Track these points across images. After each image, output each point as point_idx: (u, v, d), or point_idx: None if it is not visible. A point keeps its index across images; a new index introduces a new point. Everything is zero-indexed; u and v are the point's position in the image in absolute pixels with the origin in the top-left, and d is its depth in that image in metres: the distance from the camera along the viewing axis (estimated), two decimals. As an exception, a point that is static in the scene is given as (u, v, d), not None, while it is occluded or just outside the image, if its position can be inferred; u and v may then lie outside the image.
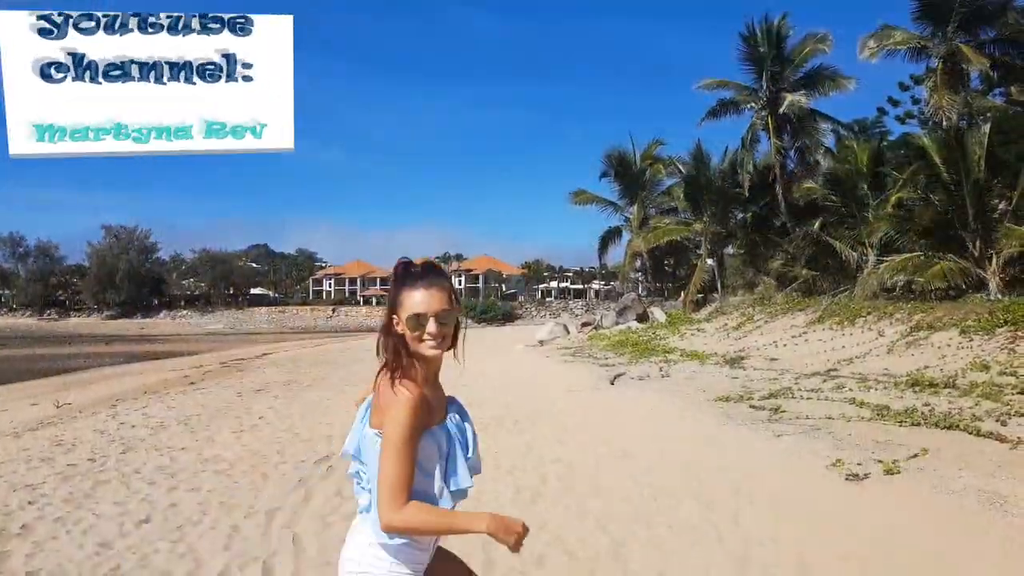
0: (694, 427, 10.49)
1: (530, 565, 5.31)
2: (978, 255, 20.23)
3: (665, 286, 48.50)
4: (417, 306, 2.31)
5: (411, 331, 2.32)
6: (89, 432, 11.06)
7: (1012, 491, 6.63)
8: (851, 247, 25.95)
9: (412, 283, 2.34)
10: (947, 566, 5.06)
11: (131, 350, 44.78)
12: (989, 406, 10.48)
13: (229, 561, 5.46)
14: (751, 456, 8.63)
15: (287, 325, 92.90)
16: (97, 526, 6.32)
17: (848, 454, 8.28)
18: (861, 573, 5.02)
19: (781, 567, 5.14)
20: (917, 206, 23.10)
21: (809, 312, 23.80)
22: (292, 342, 46.58)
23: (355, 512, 2.53)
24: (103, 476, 8.13)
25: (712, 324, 28.84)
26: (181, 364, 27.60)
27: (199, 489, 7.54)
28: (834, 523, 6.06)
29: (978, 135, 21.20)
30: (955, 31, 25.90)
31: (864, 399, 11.80)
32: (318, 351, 33.80)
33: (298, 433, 10.66)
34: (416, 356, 2.36)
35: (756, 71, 32.61)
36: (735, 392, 13.56)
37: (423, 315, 2.31)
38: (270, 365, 24.95)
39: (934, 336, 16.23)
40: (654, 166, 43.75)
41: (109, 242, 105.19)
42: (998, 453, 8.10)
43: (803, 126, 31.97)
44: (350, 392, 15.62)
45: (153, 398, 15.50)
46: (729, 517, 6.26)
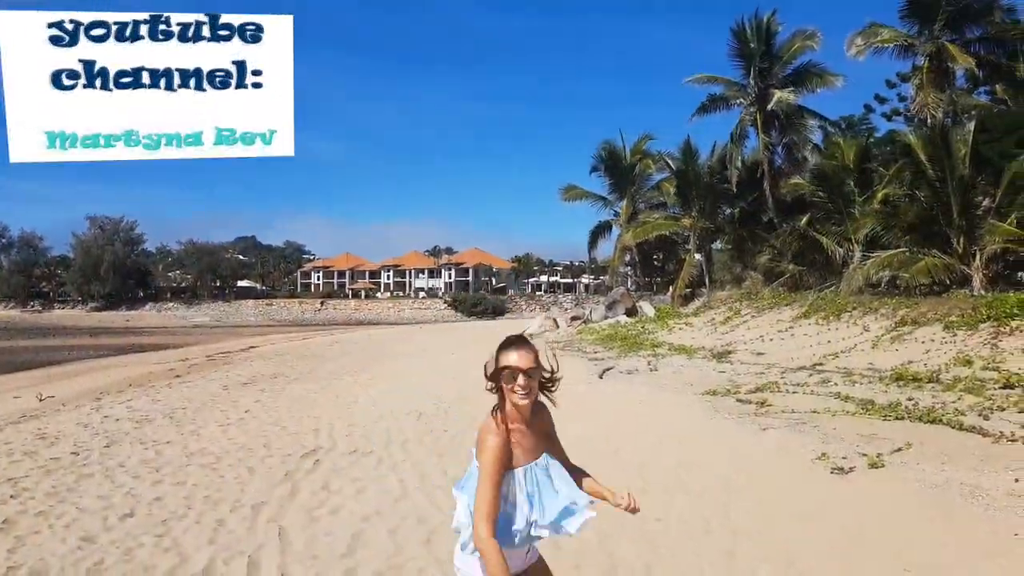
0: (682, 421, 10.53)
1: (516, 558, 5.31)
2: (962, 251, 20.37)
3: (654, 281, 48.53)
4: (511, 363, 2.92)
5: (506, 383, 2.91)
6: (72, 425, 10.99)
7: (994, 484, 6.69)
8: (837, 243, 26.06)
9: (508, 348, 2.97)
10: (930, 558, 5.10)
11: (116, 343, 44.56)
12: (972, 401, 10.56)
13: (214, 555, 5.45)
14: (738, 450, 8.67)
15: (275, 318, 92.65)
16: (80, 520, 6.29)
17: (833, 448, 8.33)
18: (845, 565, 5.06)
19: (768, 560, 5.17)
20: (902, 203, 23.23)
21: (795, 307, 23.90)
22: (279, 335, 46.43)
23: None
24: (87, 470, 8.08)
25: (700, 319, 28.92)
26: (167, 357, 27.47)
27: (184, 483, 7.51)
28: (820, 516, 6.10)
29: (963, 133, 21.36)
30: (941, 29, 26.02)
31: (849, 393, 11.87)
32: (306, 344, 33.72)
33: (285, 427, 10.64)
34: (511, 402, 2.92)
35: (745, 67, 32.68)
36: (722, 386, 13.61)
37: (515, 369, 2.89)
38: (257, 358, 24.87)
39: (918, 331, 16.33)
40: (644, 161, 43.74)
41: (94, 233, 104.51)
42: (980, 447, 8.16)
43: (791, 122, 32.05)
44: (337, 386, 15.59)
45: (138, 391, 15.42)
46: (718, 510, 6.29)
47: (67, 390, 16.30)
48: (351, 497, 6.91)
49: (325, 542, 5.71)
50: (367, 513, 6.39)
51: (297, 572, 5.14)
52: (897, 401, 10.96)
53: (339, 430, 10.33)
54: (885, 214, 23.42)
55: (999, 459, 7.59)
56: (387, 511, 6.47)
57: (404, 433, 10.04)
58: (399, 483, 7.41)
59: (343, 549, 5.55)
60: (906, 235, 22.14)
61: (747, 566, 5.08)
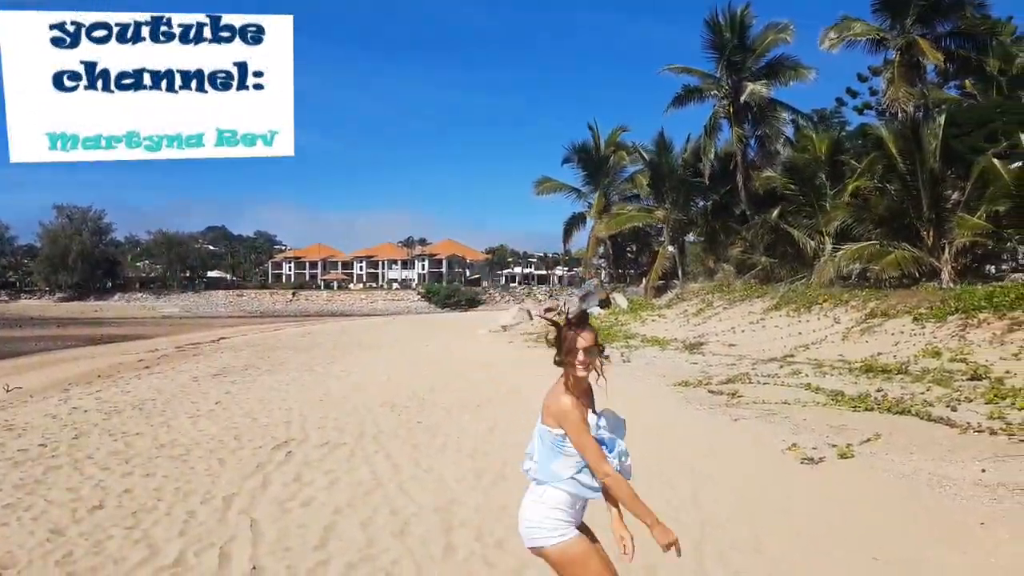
0: (654, 411, 10.58)
1: (491, 548, 5.32)
2: (931, 244, 20.65)
3: (627, 272, 48.67)
4: (576, 342, 3.31)
5: (572, 358, 3.30)
6: (40, 417, 10.83)
7: (960, 474, 6.80)
8: (809, 235, 26.30)
9: (575, 327, 3.36)
10: (897, 546, 5.17)
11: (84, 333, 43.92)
12: (940, 392, 10.72)
13: (185, 547, 5.40)
14: (709, 440, 8.74)
15: (245, 309, 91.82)
16: (49, 512, 6.20)
17: (803, 438, 8.43)
18: (814, 553, 5.12)
19: (737, 548, 5.22)
20: (873, 196, 23.48)
21: (767, 299, 24.12)
22: (250, 326, 45.99)
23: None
24: (55, 462, 7.97)
25: (672, 310, 29.10)
26: (136, 348, 27.14)
27: (154, 475, 7.43)
28: (789, 505, 6.17)
29: (933, 127, 21.60)
30: (913, 23, 26.29)
31: (819, 385, 12.01)
32: (277, 336, 33.48)
33: (256, 419, 10.56)
34: (573, 375, 3.32)
35: (719, 60, 32.82)
36: (694, 377, 13.71)
37: (578, 349, 3.29)
38: (227, 349, 24.66)
39: (888, 323, 16.54)
40: (618, 153, 43.83)
41: (61, 222, 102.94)
42: (948, 438, 8.29)
43: (764, 115, 32.26)
44: (309, 378, 15.50)
45: (107, 382, 15.23)
46: (687, 499, 6.34)
47: (34, 381, 16.04)
48: (323, 489, 6.87)
49: (297, 534, 5.68)
50: (339, 505, 6.36)
51: (269, 564, 5.11)
52: (866, 392, 11.10)
53: (311, 422, 10.27)
54: (856, 207, 23.66)
55: (966, 449, 7.72)
56: (360, 503, 6.44)
57: (377, 425, 10.01)
58: (372, 475, 7.38)
59: (315, 541, 5.52)
60: (876, 228, 22.39)
61: (717, 553, 5.13)
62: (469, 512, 6.16)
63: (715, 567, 4.94)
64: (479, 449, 8.43)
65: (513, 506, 6.24)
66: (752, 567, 4.93)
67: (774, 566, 4.92)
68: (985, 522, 5.57)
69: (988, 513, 5.76)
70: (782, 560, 5.02)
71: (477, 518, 6.00)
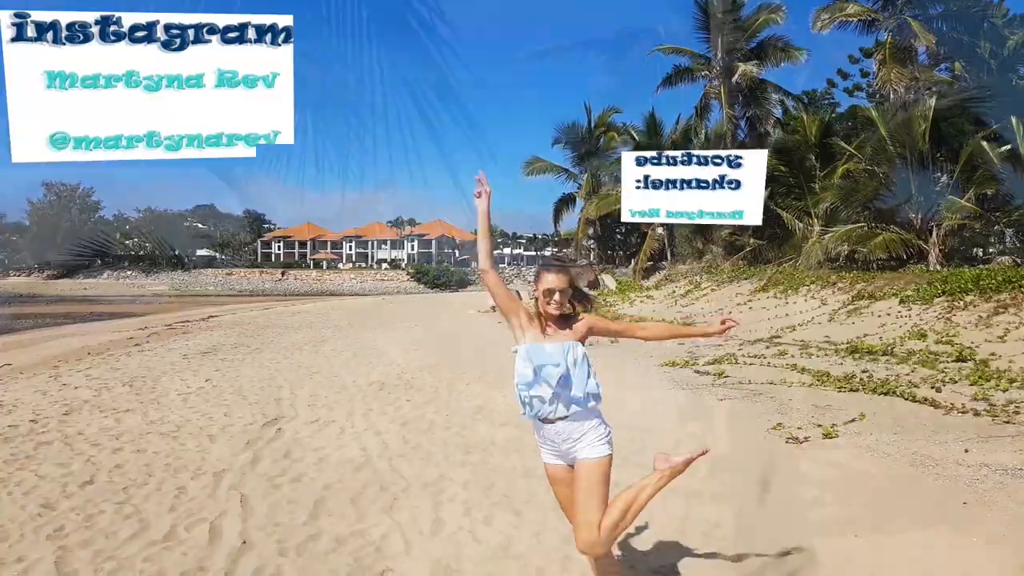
0: (640, 391, 10.66)
1: (479, 524, 5.39)
2: (919, 227, 20.77)
3: (616, 254, 48.78)
4: (547, 283, 3.65)
5: (543, 297, 3.66)
6: (30, 393, 10.83)
7: (943, 455, 6.90)
8: (797, 217, 26.40)
9: (547, 269, 3.68)
10: (880, 524, 5.26)
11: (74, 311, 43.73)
12: (925, 373, 10.84)
13: (176, 522, 5.44)
14: (695, 419, 8.82)
15: (235, 288, 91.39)
16: (40, 487, 6.23)
17: (789, 418, 8.52)
18: (798, 532, 5.20)
19: (721, 526, 5.30)
20: (862, 178, 23.56)
21: (755, 280, 24.25)
22: (240, 305, 45.88)
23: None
24: (45, 437, 7.99)
25: (661, 291, 29.22)
26: (125, 325, 27.05)
27: (145, 451, 7.46)
28: (774, 484, 6.25)
29: (923, 109, 21.66)
30: (905, 4, 26.28)
31: (805, 365, 12.12)
32: (267, 315, 33.41)
33: (246, 396, 10.59)
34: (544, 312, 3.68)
35: (710, 40, 32.74)
36: (681, 357, 13.80)
37: (550, 289, 3.64)
38: (217, 328, 24.62)
39: (874, 305, 16.67)
40: (608, 134, 43.77)
41: (50, 200, 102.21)
42: (932, 418, 8.40)
43: (754, 96, 32.26)
44: (299, 357, 15.52)
45: (97, 359, 15.21)
46: (673, 478, 6.40)
47: (24, 358, 16.00)
48: (313, 465, 6.92)
49: (287, 509, 5.73)
50: (329, 481, 6.42)
51: (259, 539, 5.16)
52: (852, 373, 11.21)
53: (301, 400, 10.30)
54: (845, 189, 23.75)
55: (950, 430, 7.82)
56: (349, 479, 6.49)
57: (367, 403, 10.05)
58: (361, 452, 7.43)
59: (305, 517, 5.57)
60: (865, 210, 22.50)
61: (700, 532, 5.20)
62: (457, 488, 6.22)
63: (700, 543, 5.01)
64: (468, 426, 8.50)
65: (501, 482, 6.34)
66: (736, 544, 5.01)
67: (758, 544, 5.00)
68: (967, 501, 5.67)
69: (970, 492, 5.86)
70: (766, 538, 5.10)
71: (465, 494, 6.06)
